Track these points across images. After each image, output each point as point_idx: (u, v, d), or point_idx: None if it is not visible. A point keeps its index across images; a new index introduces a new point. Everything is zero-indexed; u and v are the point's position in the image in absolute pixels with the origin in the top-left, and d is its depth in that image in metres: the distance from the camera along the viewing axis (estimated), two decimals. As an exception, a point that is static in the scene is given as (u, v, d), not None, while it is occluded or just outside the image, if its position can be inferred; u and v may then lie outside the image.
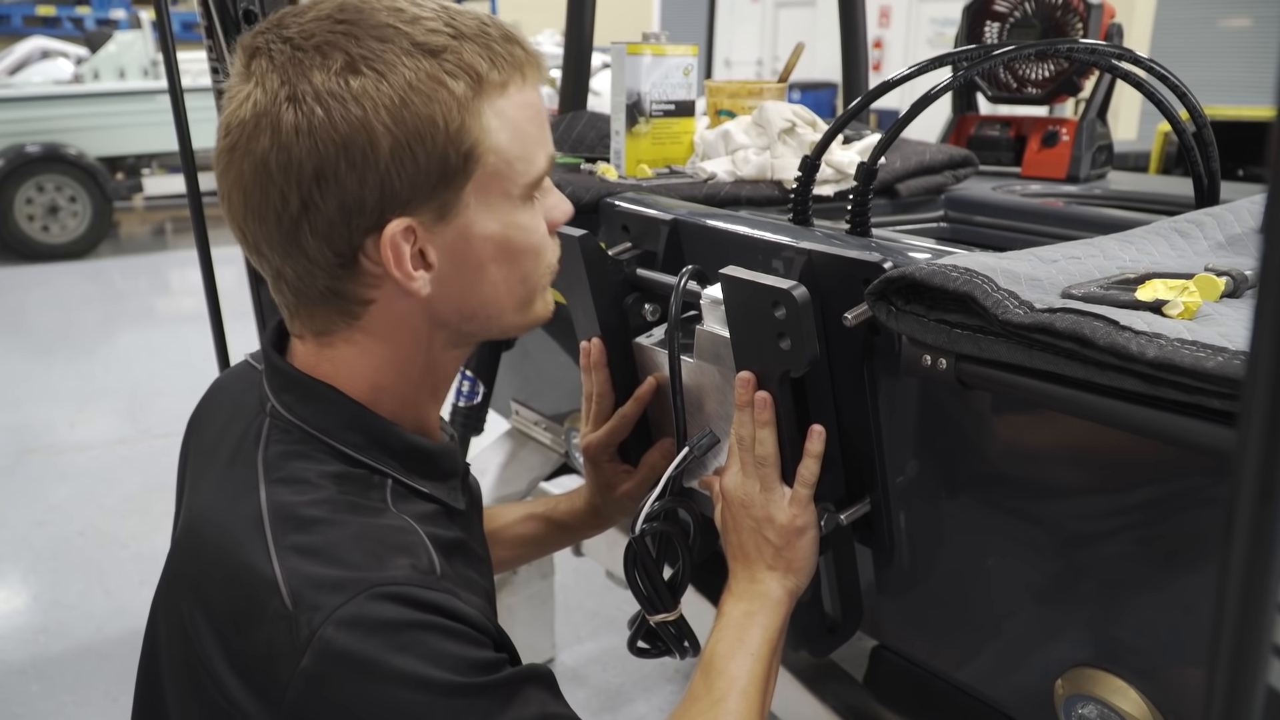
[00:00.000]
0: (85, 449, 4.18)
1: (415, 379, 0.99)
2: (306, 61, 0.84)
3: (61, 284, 7.29)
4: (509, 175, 0.92)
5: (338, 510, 0.88)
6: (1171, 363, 0.75)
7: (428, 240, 0.89)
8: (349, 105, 0.83)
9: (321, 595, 0.81)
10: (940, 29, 11.25)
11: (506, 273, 0.95)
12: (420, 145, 0.85)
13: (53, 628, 2.91)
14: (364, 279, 0.90)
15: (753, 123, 1.74)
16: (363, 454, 0.94)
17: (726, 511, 1.16)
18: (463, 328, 0.98)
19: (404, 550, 0.87)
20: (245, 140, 0.85)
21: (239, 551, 0.86)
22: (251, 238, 0.90)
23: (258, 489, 0.89)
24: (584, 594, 3.00)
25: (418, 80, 0.84)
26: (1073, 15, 2.08)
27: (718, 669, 1.06)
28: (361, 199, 0.85)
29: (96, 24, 11.03)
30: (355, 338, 0.94)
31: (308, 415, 0.94)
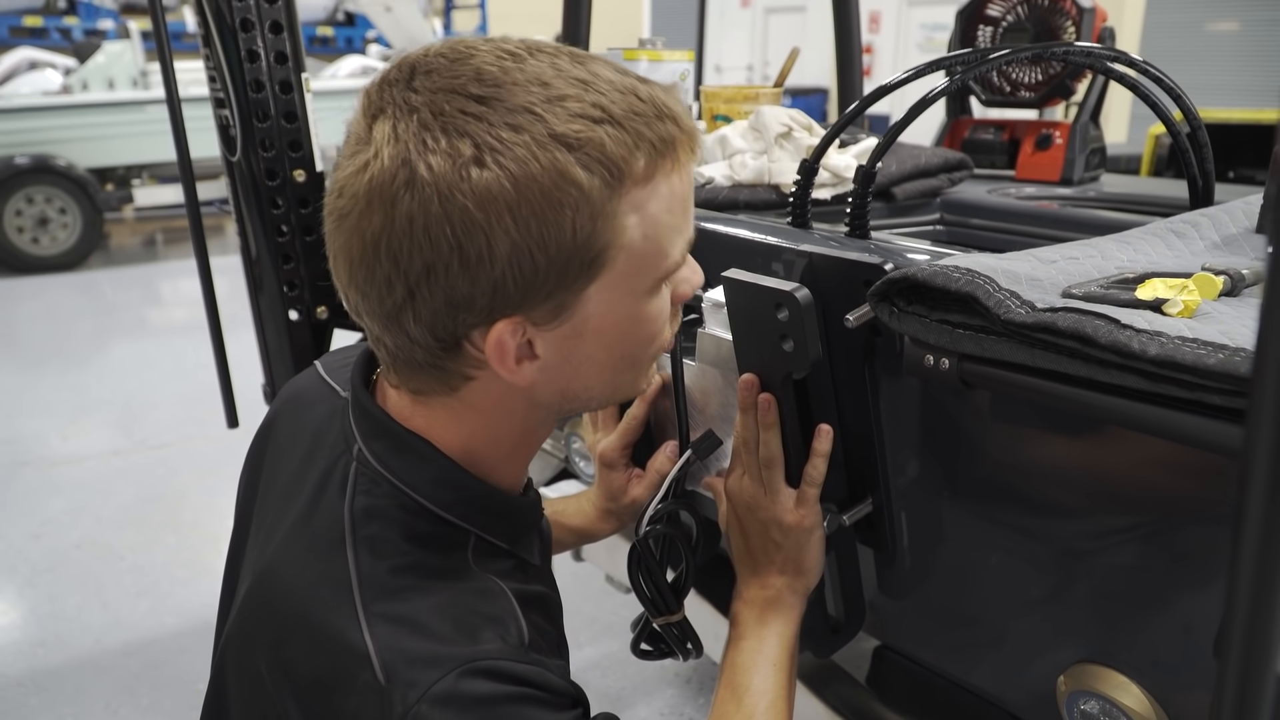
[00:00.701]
0: (79, 461, 4.17)
1: (508, 447, 0.96)
2: (430, 142, 0.76)
3: (52, 296, 7.27)
4: (640, 274, 0.85)
5: (426, 576, 0.86)
6: (1173, 360, 0.76)
7: (536, 334, 0.84)
8: (469, 203, 0.75)
9: (416, 671, 0.79)
10: (930, 34, 11.30)
11: (616, 360, 0.91)
12: (543, 251, 0.78)
13: (51, 640, 2.90)
14: (465, 361, 0.86)
15: (749, 127, 1.75)
16: (450, 512, 0.91)
17: (732, 515, 1.17)
18: (563, 407, 0.94)
19: (493, 621, 0.85)
20: (356, 215, 0.79)
21: (326, 615, 0.84)
22: (352, 302, 0.86)
23: (344, 548, 0.87)
24: (582, 599, 3.00)
25: (549, 181, 0.76)
26: (1065, 19, 2.10)
27: (743, 684, 1.07)
28: (471, 297, 0.79)
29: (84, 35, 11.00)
30: (453, 405, 0.91)
31: (398, 468, 0.91)
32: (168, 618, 2.98)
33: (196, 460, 4.13)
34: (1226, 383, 0.73)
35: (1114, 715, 1.05)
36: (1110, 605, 1.04)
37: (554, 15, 2.16)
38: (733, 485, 1.16)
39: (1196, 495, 0.95)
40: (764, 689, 1.06)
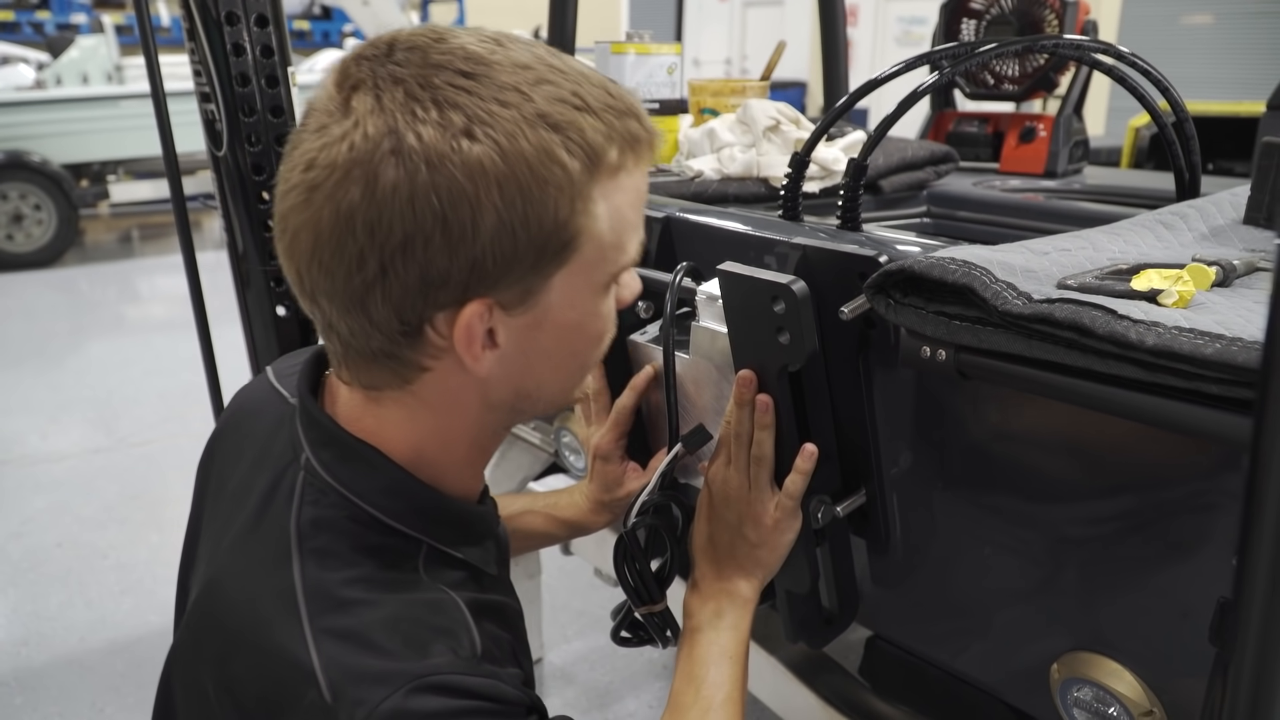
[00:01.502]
0: (60, 459, 4.14)
1: (461, 451, 0.94)
2: (420, 112, 0.75)
3: (28, 293, 7.20)
4: (600, 265, 0.85)
5: (374, 588, 0.84)
6: (1171, 350, 0.77)
7: (499, 322, 0.83)
8: (458, 173, 0.74)
9: (363, 689, 0.77)
10: (908, 27, 11.32)
11: (567, 358, 0.91)
12: (525, 229, 0.77)
13: (34, 640, 2.88)
14: (425, 349, 0.83)
15: (737, 120, 1.76)
16: (400, 521, 0.89)
17: (706, 503, 1.17)
18: (515, 406, 0.92)
19: (444, 633, 0.84)
20: (333, 185, 0.76)
21: (271, 631, 0.82)
22: (309, 284, 0.82)
23: (290, 561, 0.85)
24: (570, 593, 3.00)
25: (536, 159, 0.76)
26: (1048, 12, 2.11)
27: (700, 676, 1.08)
28: (448, 274, 0.77)
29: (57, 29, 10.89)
30: (405, 400, 0.88)
31: (346, 477, 0.89)
32: (152, 615, 2.96)
33: (178, 457, 4.11)
34: (1224, 372, 0.74)
35: (1107, 702, 1.06)
36: (1103, 593, 1.05)
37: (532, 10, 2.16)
38: (715, 474, 1.16)
39: (1189, 482, 0.95)
40: (720, 682, 1.06)
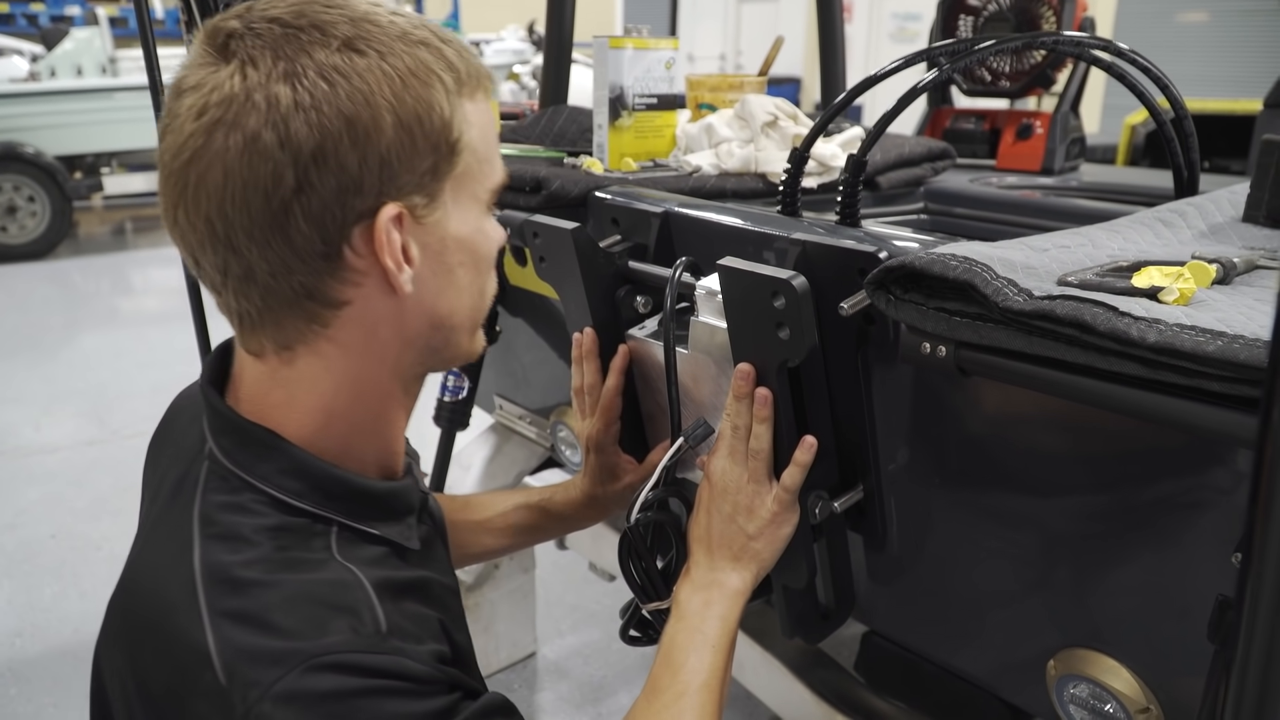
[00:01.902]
0: (53, 451, 4.12)
1: (374, 405, 0.94)
2: (304, 38, 0.80)
3: (21, 285, 7.18)
4: (479, 177, 0.90)
5: (274, 569, 0.83)
6: (1172, 347, 0.77)
7: (413, 233, 0.86)
8: (354, 81, 0.80)
9: (257, 670, 0.77)
10: (902, 23, 11.32)
11: (470, 281, 0.93)
12: (419, 127, 0.83)
13: (28, 631, 2.88)
14: (344, 275, 0.85)
15: (735, 116, 1.76)
16: (303, 501, 0.89)
17: (705, 493, 1.17)
18: (430, 341, 0.93)
19: (345, 611, 0.82)
20: (233, 116, 0.78)
21: (172, 618, 0.82)
22: (222, 229, 0.81)
23: (192, 546, 0.85)
24: (564, 588, 3.00)
25: (416, 66, 0.83)
26: (1045, 8, 2.11)
27: (679, 661, 1.07)
28: (360, 179, 0.81)
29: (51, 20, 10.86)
30: (321, 348, 0.88)
31: (245, 462, 0.89)
32: (145, 609, 2.96)
33: (172, 450, 4.09)
34: (1226, 369, 0.74)
35: (1104, 699, 1.06)
36: (1100, 589, 1.06)
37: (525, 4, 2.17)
38: (714, 467, 1.16)
39: (1186, 479, 0.96)
40: (699, 668, 1.06)
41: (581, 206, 1.54)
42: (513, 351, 2.02)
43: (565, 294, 1.37)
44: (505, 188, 1.52)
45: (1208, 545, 0.94)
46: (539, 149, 1.88)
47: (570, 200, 1.53)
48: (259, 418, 0.91)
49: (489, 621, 2.55)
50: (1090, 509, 1.05)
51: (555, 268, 1.36)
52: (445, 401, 1.95)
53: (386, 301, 0.87)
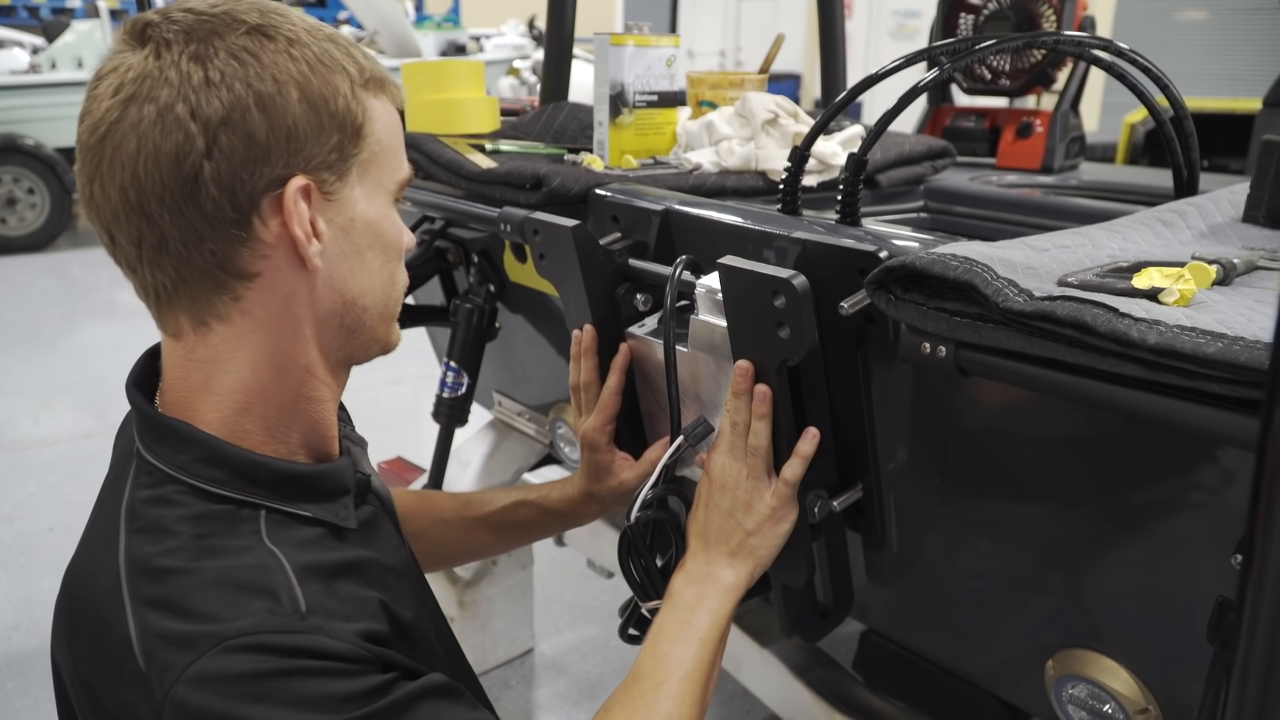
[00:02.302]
0: (51, 444, 4.12)
1: (294, 386, 0.95)
2: (216, 24, 0.86)
3: (20, 277, 7.18)
4: (385, 168, 0.96)
5: (194, 557, 0.84)
6: (1172, 349, 0.77)
7: (321, 210, 0.90)
8: (263, 59, 0.85)
9: (172, 653, 0.79)
10: (902, 20, 11.32)
11: (380, 266, 0.97)
12: (325, 106, 0.88)
13: (25, 625, 2.88)
14: (254, 246, 0.88)
15: (735, 114, 1.75)
16: (225, 488, 0.90)
17: (705, 489, 1.17)
18: (343, 321, 0.95)
19: (262, 592, 0.83)
20: (147, 89, 0.83)
21: (101, 611, 0.84)
22: (137, 197, 0.85)
23: (118, 541, 0.87)
24: (562, 584, 3.00)
25: (321, 53, 0.89)
26: (1046, 6, 2.11)
27: (664, 650, 1.07)
28: (268, 148, 0.85)
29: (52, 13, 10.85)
30: (235, 321, 0.91)
31: (165, 454, 0.91)
32: (143, 603, 2.96)
33: (170, 444, 4.09)
34: (1226, 371, 0.74)
35: (1103, 699, 1.06)
36: (1099, 589, 1.06)
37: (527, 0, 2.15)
38: (714, 462, 1.16)
39: (1185, 480, 0.96)
40: (683, 659, 1.06)
41: (582, 204, 1.54)
42: (512, 348, 2.02)
43: (565, 291, 1.37)
44: (500, 183, 1.54)
45: (1207, 546, 0.94)
46: (539, 145, 1.88)
47: (570, 197, 1.52)
48: (179, 408, 0.93)
49: (487, 618, 2.55)
50: (1089, 509, 1.05)
51: (555, 265, 1.36)
52: (444, 398, 1.95)
53: (296, 275, 0.91)
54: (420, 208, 1.83)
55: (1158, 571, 1.00)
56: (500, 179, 1.60)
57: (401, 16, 9.47)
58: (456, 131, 1.91)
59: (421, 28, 10.64)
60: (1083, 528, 1.06)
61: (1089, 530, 1.05)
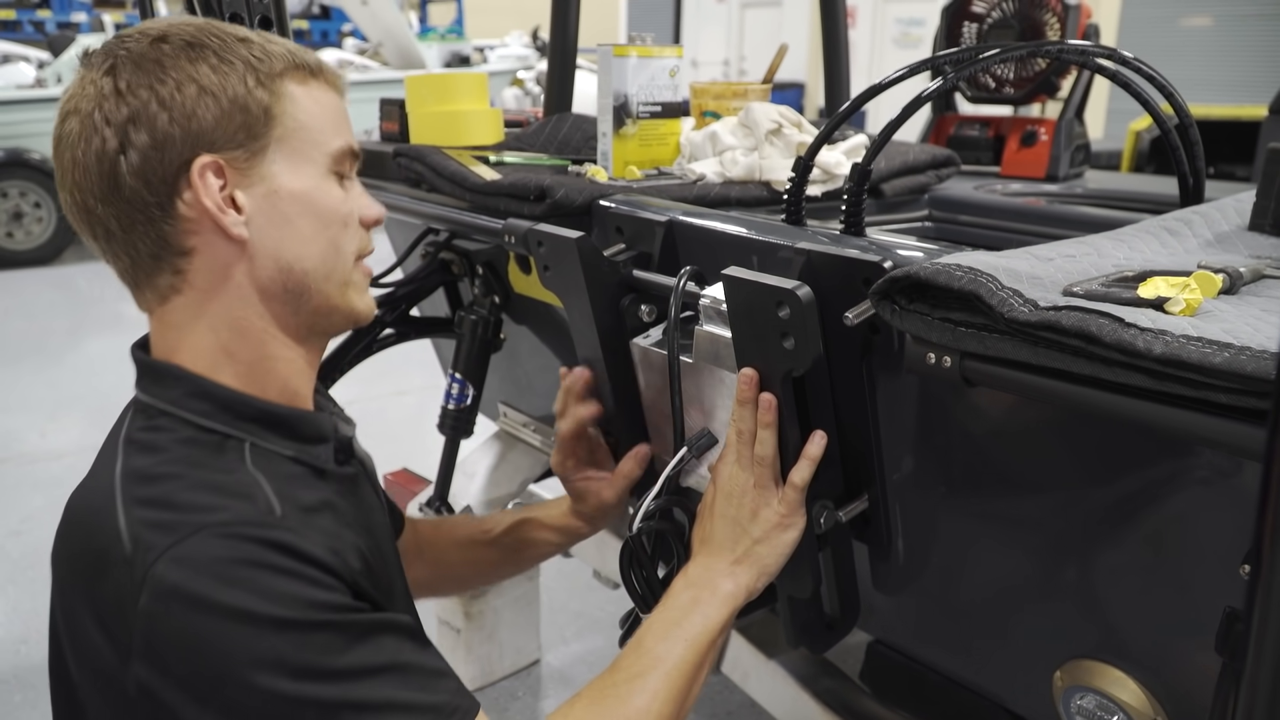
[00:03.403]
0: (59, 457, 4.13)
1: (256, 348, 1.05)
2: (127, 39, 1.00)
3: (27, 291, 7.19)
4: (309, 141, 1.04)
5: (184, 467, 0.96)
6: (1179, 359, 0.77)
7: (238, 185, 1.00)
8: (164, 63, 0.97)
9: (155, 535, 0.88)
10: (906, 29, 11.33)
11: (316, 232, 1.05)
12: (223, 93, 0.98)
13: (34, 638, 2.88)
14: (181, 224, 0.99)
15: (739, 124, 1.76)
16: (212, 420, 1.00)
17: (711, 496, 1.18)
18: (288, 287, 1.04)
19: (242, 495, 0.94)
20: (73, 105, 0.98)
21: (96, 514, 0.94)
22: (81, 198, 0.99)
23: (115, 462, 0.98)
24: (568, 595, 3.00)
25: (224, 49, 1.00)
26: (1050, 15, 2.11)
27: (646, 646, 1.08)
28: (171, 135, 0.97)
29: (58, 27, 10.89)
30: (187, 293, 1.02)
31: (159, 393, 1.02)
32: (150, 615, 2.95)
33: (176, 456, 4.09)
34: (1233, 381, 0.74)
35: (1111, 710, 1.06)
36: (1107, 601, 1.05)
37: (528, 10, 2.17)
38: (722, 470, 1.16)
39: (1193, 491, 0.95)
40: (665, 656, 1.07)
41: (586, 215, 1.54)
42: (517, 359, 2.02)
43: (570, 303, 1.37)
44: (504, 195, 1.54)
45: (1215, 556, 0.94)
46: (543, 157, 1.88)
47: (574, 209, 1.53)
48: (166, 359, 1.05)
49: (493, 629, 2.54)
50: (1095, 519, 1.04)
51: (560, 277, 1.36)
52: (449, 409, 1.95)
53: (229, 247, 1.01)
54: (425, 220, 1.83)
55: (1166, 582, 1.00)
56: (504, 191, 1.60)
57: (405, 28, 9.51)
58: (460, 143, 1.91)
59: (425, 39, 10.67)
60: (1089, 538, 1.05)
61: (1095, 540, 1.05)
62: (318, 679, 0.87)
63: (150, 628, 0.86)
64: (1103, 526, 1.04)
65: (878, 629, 1.39)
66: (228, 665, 0.85)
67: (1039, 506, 1.10)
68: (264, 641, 0.86)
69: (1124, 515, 1.02)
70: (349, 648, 0.89)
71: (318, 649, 0.88)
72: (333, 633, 0.89)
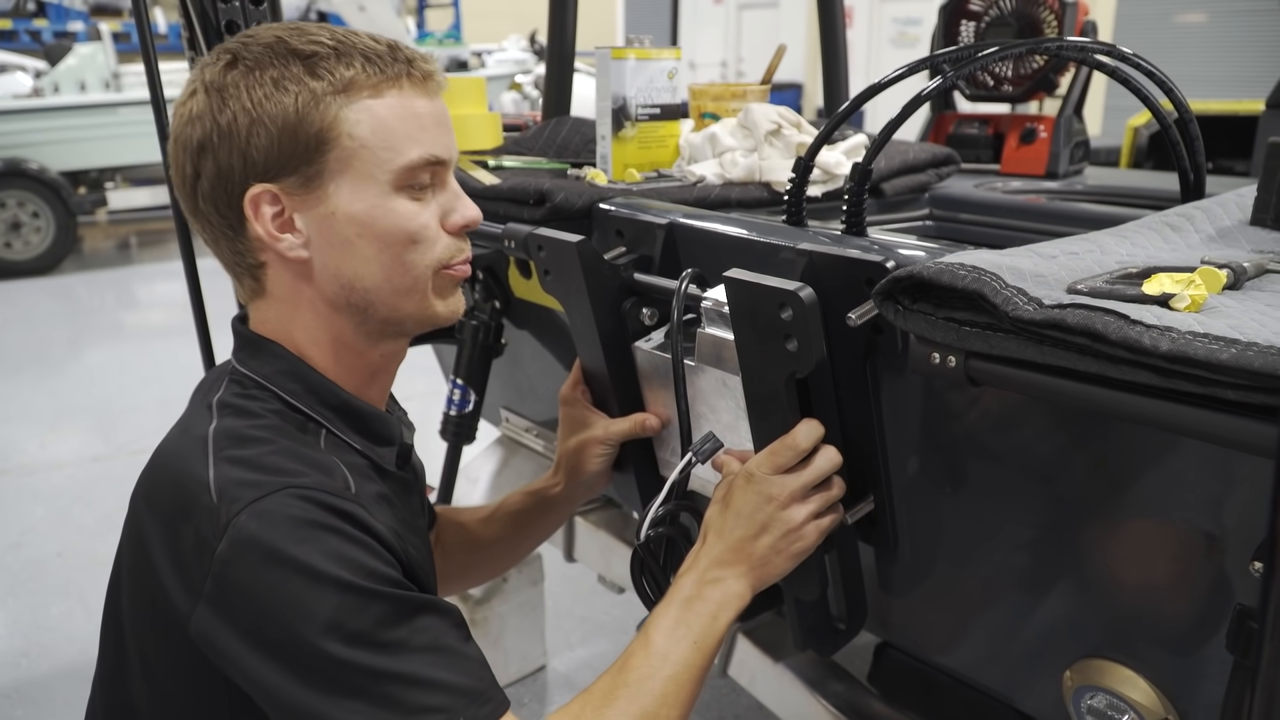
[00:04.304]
0: (59, 468, 4.12)
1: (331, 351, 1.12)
2: (209, 59, 1.06)
3: (26, 301, 7.19)
4: (371, 161, 1.05)
5: (273, 434, 1.03)
6: (1185, 355, 0.76)
7: (295, 208, 1.05)
8: (226, 93, 1.03)
9: (240, 490, 0.96)
10: (903, 28, 11.33)
11: (378, 252, 1.07)
12: (273, 124, 1.02)
13: (35, 651, 2.87)
14: (251, 242, 1.07)
15: (738, 125, 1.75)
16: (300, 401, 1.09)
17: (740, 493, 1.14)
18: (352, 302, 1.09)
19: (322, 468, 1.02)
20: (173, 127, 1.08)
21: (185, 463, 1.01)
22: (182, 205, 1.10)
23: (209, 420, 1.05)
24: (573, 600, 2.99)
25: (280, 75, 1.03)
26: (1047, 13, 2.10)
27: (655, 643, 1.08)
28: (230, 166, 1.03)
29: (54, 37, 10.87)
30: (270, 302, 1.11)
31: (256, 366, 1.10)
32: (153, 625, 2.94)
33: (178, 465, 4.08)
34: (1240, 377, 0.73)
35: (1121, 709, 1.05)
36: (1117, 599, 1.05)
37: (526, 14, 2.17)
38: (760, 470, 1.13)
39: (1202, 488, 0.95)
40: (674, 658, 1.07)
41: (586, 218, 1.53)
42: (518, 364, 2.01)
43: (571, 307, 1.37)
44: (504, 199, 1.54)
45: (1225, 554, 0.93)
46: (542, 161, 1.88)
47: (575, 213, 1.52)
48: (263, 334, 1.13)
49: (498, 635, 2.54)
50: (1104, 517, 1.04)
51: (560, 281, 1.36)
52: (451, 415, 1.95)
53: (293, 264, 1.07)
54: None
55: (1176, 580, 0.99)
56: (504, 195, 1.60)
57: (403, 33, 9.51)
58: (459, 148, 1.90)
59: (423, 44, 10.66)
60: (1098, 536, 1.05)
61: (1104, 538, 1.04)
62: (368, 647, 0.93)
63: (223, 573, 0.93)
64: (1110, 524, 1.03)
65: (885, 631, 1.38)
66: (288, 617, 0.92)
67: (1046, 505, 1.09)
68: (326, 601, 0.92)
69: (1132, 513, 1.01)
70: (401, 622, 0.95)
71: (373, 619, 0.94)
72: (388, 604, 0.95)
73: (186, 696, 1.06)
